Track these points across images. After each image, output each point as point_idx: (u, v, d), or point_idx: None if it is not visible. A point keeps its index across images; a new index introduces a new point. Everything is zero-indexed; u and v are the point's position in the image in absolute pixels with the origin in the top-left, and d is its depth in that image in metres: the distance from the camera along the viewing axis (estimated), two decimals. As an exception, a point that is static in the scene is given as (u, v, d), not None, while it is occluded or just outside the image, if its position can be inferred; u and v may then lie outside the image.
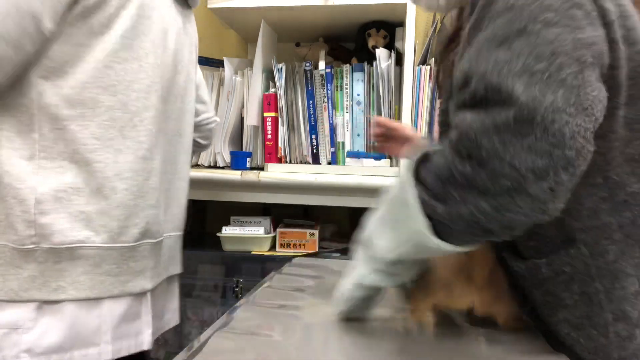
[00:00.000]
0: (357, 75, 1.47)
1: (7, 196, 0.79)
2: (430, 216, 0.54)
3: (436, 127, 1.37)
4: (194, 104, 1.11)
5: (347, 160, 1.45)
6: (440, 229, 0.54)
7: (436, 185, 0.54)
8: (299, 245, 1.49)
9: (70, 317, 0.81)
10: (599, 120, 0.51)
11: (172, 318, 1.07)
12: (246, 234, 1.47)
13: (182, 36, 1.02)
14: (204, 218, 1.97)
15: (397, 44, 1.54)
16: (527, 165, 0.48)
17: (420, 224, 0.54)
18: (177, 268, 1.08)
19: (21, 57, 0.77)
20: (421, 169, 0.56)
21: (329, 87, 1.47)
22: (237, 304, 0.82)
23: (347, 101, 1.47)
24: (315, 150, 1.48)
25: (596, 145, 0.51)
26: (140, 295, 0.90)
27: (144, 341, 0.90)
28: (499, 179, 0.49)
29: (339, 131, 1.48)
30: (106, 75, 0.83)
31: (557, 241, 0.62)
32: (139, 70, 0.87)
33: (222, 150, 1.55)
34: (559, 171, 0.48)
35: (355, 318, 0.73)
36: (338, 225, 1.78)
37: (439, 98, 0.73)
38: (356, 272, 0.67)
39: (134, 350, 0.88)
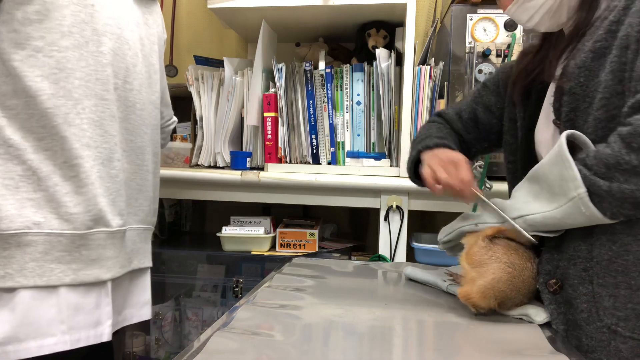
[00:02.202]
0: (357, 75, 1.47)
1: None
2: (588, 189, 0.68)
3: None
4: (162, 94, 1.12)
5: (347, 160, 1.45)
6: (593, 199, 0.68)
7: (601, 167, 0.67)
8: (299, 245, 1.48)
9: (23, 306, 0.79)
10: None
11: (137, 313, 1.05)
12: (246, 234, 1.47)
13: (141, 26, 1.03)
14: (204, 218, 1.97)
15: (397, 44, 1.54)
16: None
17: (582, 192, 0.68)
18: (144, 261, 1.07)
19: None
20: (578, 152, 0.70)
21: (329, 87, 1.47)
22: (237, 304, 0.82)
23: (347, 101, 1.47)
24: (315, 150, 1.48)
25: None
26: (97, 284, 0.88)
27: (104, 332, 0.89)
28: None
29: (339, 131, 1.48)
30: (46, 64, 0.82)
31: None
32: (80, 59, 0.86)
33: (222, 150, 1.55)
34: None
35: (355, 318, 0.73)
36: (338, 225, 1.78)
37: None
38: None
39: (92, 341, 0.87)
